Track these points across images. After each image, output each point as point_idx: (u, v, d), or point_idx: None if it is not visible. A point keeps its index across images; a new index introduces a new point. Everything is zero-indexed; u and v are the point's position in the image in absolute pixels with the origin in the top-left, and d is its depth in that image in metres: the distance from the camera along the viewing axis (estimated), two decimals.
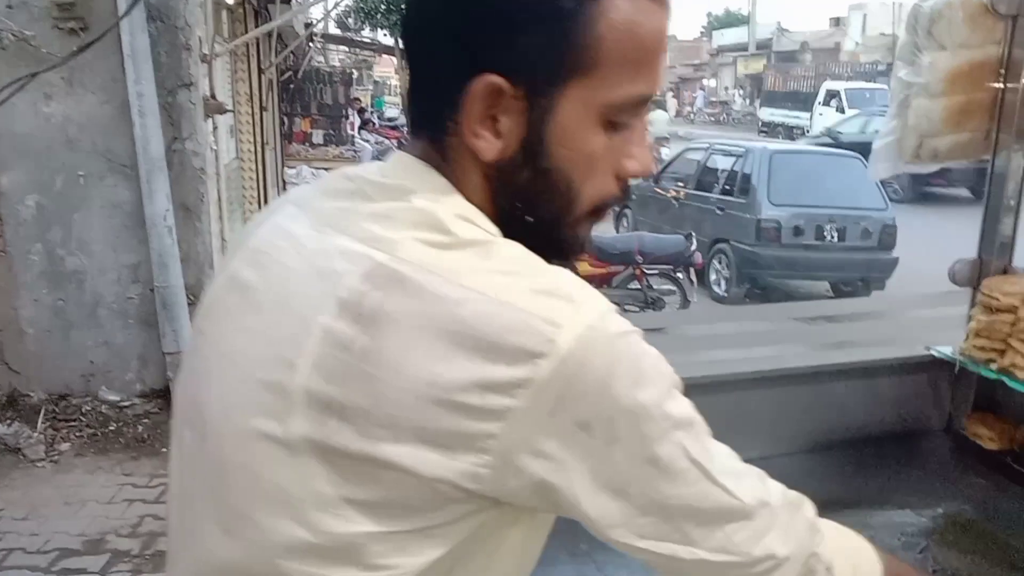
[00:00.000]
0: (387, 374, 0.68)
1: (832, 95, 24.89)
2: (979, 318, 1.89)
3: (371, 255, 0.72)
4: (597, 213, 0.82)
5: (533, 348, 0.67)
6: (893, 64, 2.03)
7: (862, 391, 1.99)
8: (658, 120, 23.21)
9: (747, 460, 0.75)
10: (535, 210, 0.79)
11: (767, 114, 30.36)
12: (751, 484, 0.78)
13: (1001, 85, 1.88)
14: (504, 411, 0.67)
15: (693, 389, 1.70)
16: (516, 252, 0.74)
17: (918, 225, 9.38)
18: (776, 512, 0.79)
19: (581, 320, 0.69)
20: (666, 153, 19.78)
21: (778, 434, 1.90)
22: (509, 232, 0.77)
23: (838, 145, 17.78)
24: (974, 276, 1.98)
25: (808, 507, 0.84)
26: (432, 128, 0.78)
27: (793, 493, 0.83)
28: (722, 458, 0.77)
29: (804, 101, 27.27)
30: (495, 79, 0.73)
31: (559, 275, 0.73)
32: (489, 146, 0.75)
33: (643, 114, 0.80)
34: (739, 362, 1.93)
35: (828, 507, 1.74)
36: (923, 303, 2.23)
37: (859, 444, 1.96)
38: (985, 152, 1.95)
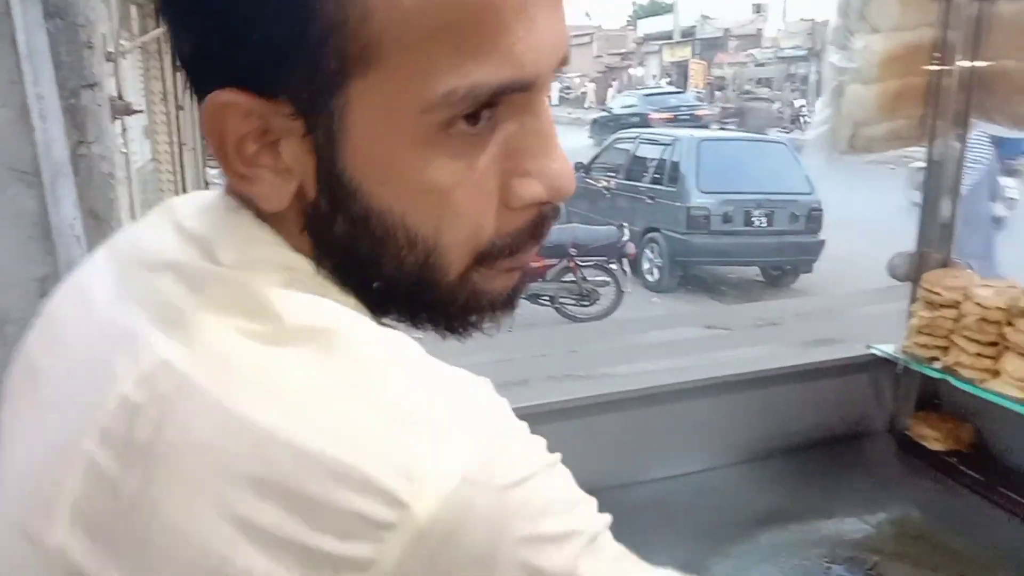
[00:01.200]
0: (164, 540, 0.45)
1: None
2: (921, 314, 1.81)
3: (154, 345, 0.49)
4: (488, 260, 0.56)
5: (376, 516, 0.44)
6: (813, 47, 1.94)
7: (802, 395, 1.89)
8: None
9: (686, 474, 0.61)
10: (378, 272, 0.54)
11: None
12: None
13: (936, 68, 1.80)
14: None
15: (625, 403, 1.61)
16: (369, 344, 0.50)
17: None
18: None
19: (452, 468, 0.46)
20: None
21: (716, 445, 1.79)
22: (370, 305, 0.56)
23: (616, 120, 18.23)
24: (913, 270, 1.90)
25: None
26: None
27: None
28: None
29: None
30: (224, 95, 0.50)
31: (428, 381, 0.50)
32: (271, 191, 0.52)
33: (528, 109, 0.52)
34: (673, 372, 1.83)
35: (772, 520, 1.67)
36: (862, 300, 2.15)
37: (801, 451, 1.87)
38: (921, 139, 1.87)
